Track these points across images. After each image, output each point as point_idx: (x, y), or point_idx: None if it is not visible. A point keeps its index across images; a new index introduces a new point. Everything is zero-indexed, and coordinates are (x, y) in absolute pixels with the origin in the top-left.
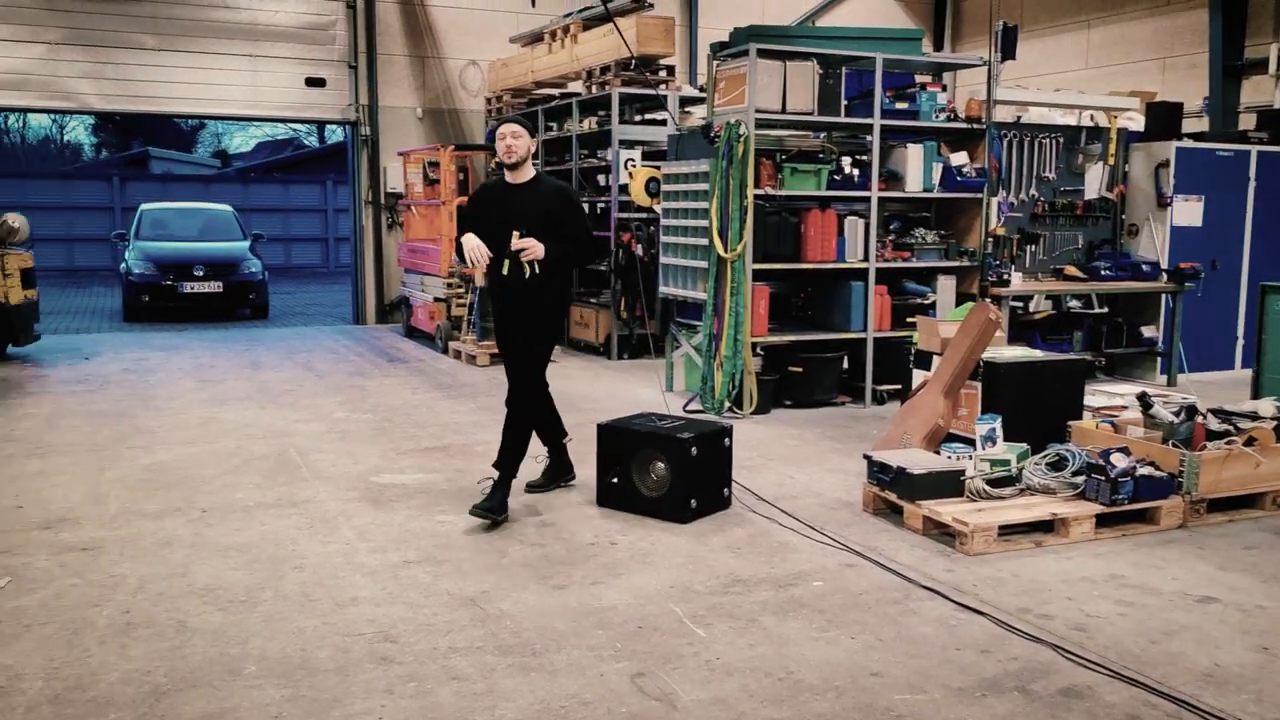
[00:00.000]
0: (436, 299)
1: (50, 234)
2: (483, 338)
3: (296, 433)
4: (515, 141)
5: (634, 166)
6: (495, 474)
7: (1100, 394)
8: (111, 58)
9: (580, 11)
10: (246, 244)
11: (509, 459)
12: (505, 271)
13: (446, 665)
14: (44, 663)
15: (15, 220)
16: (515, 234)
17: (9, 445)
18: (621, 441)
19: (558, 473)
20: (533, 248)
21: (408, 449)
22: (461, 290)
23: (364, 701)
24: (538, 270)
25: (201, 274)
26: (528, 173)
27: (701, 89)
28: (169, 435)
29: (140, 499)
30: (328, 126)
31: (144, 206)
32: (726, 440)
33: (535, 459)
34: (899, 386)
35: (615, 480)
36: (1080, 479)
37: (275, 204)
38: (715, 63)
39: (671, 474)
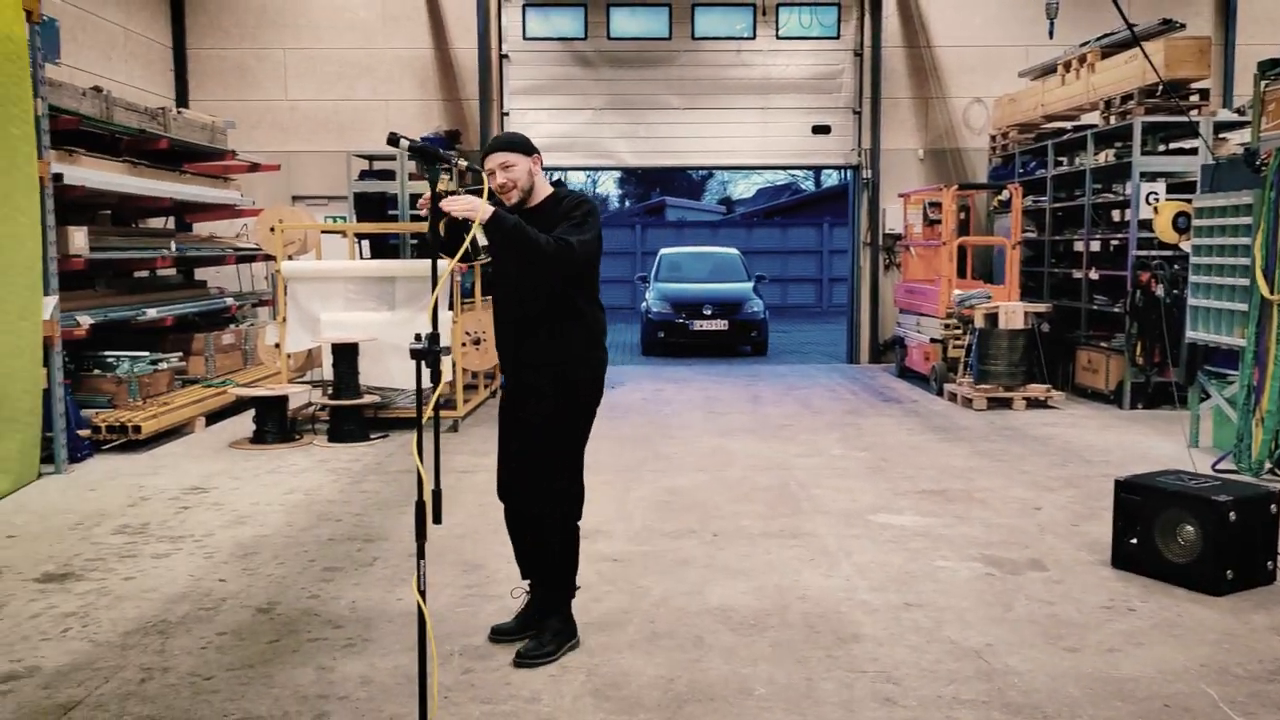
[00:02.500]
0: (932, 340)
1: None
2: (980, 381)
3: (796, 466)
4: (508, 174)
5: (1158, 200)
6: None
7: None
8: (643, 119)
9: (1100, 39)
10: (750, 285)
11: (556, 574)
12: (430, 236)
13: (950, 716)
14: (585, 659)
15: None
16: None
17: None
18: (1143, 500)
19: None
20: (463, 202)
21: (905, 490)
22: (959, 332)
23: None
24: (480, 240)
25: (710, 313)
26: (540, 194)
27: (1239, 112)
28: (683, 461)
29: (660, 519)
30: (823, 170)
31: (663, 251)
32: (1273, 506)
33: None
34: None
35: (1134, 541)
36: None
37: (774, 246)
38: (1263, 83)
39: (1203, 539)
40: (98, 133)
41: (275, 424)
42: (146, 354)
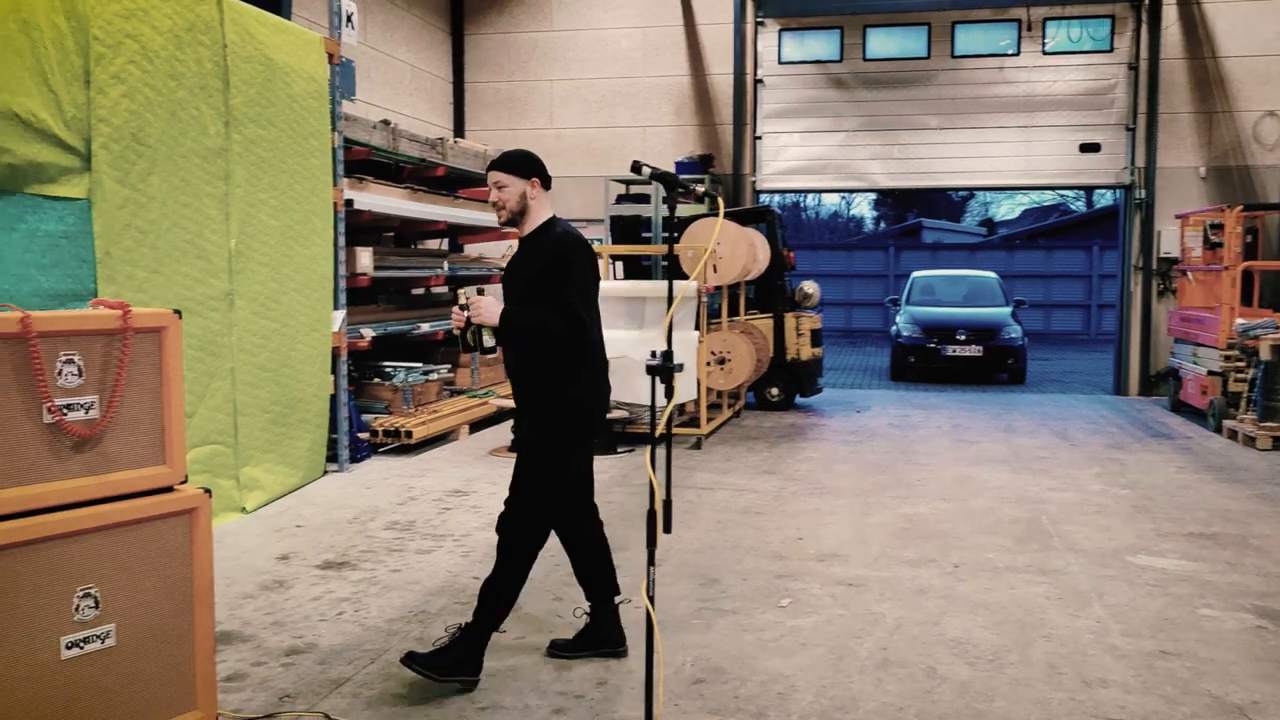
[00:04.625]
0: (1211, 372)
1: (833, 298)
2: (1265, 418)
3: (1049, 500)
4: (500, 193)
5: None
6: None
7: None
8: (898, 139)
9: None
10: (1008, 310)
11: (491, 602)
12: (463, 339)
13: None
14: (814, 680)
15: (810, 287)
16: (473, 290)
17: (793, 484)
18: None
19: (596, 639)
20: (477, 306)
21: (1169, 531)
22: (1242, 364)
23: None
24: (486, 341)
25: (963, 338)
26: (534, 221)
27: None
28: (926, 489)
29: (899, 546)
30: (1094, 190)
31: (915, 274)
32: None
33: (577, 613)
34: None
35: None
36: None
37: (1038, 270)
38: None
39: None
40: (384, 161)
41: None
42: (420, 365)
